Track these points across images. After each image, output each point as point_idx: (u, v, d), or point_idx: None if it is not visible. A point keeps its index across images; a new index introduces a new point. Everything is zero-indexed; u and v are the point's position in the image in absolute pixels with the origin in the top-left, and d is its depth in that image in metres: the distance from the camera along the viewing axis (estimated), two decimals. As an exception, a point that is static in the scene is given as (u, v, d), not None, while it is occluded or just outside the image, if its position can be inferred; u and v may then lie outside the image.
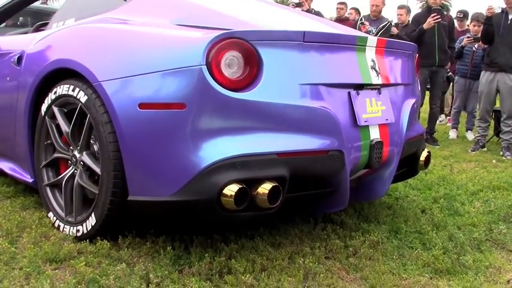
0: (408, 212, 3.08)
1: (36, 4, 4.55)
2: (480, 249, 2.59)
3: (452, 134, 6.73)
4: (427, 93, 6.54)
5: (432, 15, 5.70)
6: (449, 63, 6.22)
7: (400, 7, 7.09)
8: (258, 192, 2.04)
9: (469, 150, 5.70)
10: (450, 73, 6.47)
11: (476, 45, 6.52)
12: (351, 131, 2.33)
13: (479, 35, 6.09)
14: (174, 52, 2.10)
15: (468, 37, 6.54)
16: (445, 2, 6.16)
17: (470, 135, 6.64)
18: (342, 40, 2.40)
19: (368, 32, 5.67)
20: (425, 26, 5.71)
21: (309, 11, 6.35)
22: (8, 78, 2.85)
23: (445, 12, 6.04)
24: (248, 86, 2.06)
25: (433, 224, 2.87)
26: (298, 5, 6.30)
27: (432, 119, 6.19)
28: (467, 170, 4.57)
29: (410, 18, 6.84)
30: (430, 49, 5.77)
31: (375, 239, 2.55)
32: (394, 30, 6.12)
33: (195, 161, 2.01)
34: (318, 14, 6.78)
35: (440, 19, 5.71)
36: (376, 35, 5.70)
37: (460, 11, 7.33)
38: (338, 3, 8.03)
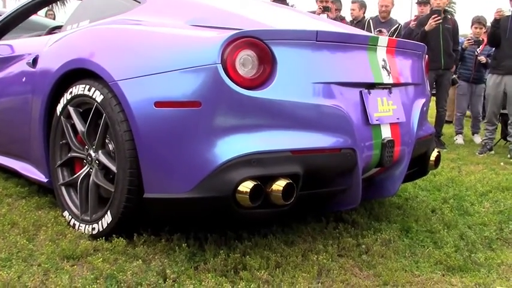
0: (418, 212, 3.10)
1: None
2: (491, 248, 2.61)
3: (459, 139, 6.62)
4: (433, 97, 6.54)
5: (432, 16, 5.71)
6: (454, 66, 6.23)
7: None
8: (272, 189, 2.06)
9: (477, 153, 5.71)
10: (454, 76, 6.45)
11: (478, 49, 6.54)
12: (363, 130, 2.35)
13: (482, 37, 6.11)
14: (190, 51, 2.14)
15: (468, 39, 6.54)
16: (448, 9, 6.07)
17: (477, 139, 6.64)
18: (353, 40, 2.43)
19: None
20: (426, 27, 5.71)
21: (335, 18, 6.22)
22: (23, 80, 2.90)
23: (449, 16, 6.04)
24: (262, 84, 2.09)
25: (443, 223, 2.89)
26: (326, 9, 5.95)
27: (439, 122, 6.18)
28: (476, 172, 4.58)
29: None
30: (435, 52, 5.76)
31: (387, 238, 2.57)
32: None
33: (211, 158, 2.04)
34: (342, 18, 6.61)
35: (440, 20, 5.70)
36: None
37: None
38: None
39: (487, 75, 6.32)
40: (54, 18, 11.36)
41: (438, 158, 2.97)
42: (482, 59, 6.55)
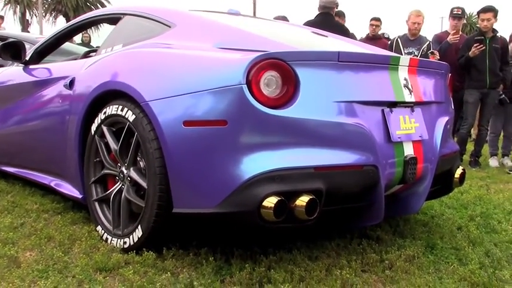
0: (444, 229, 3.11)
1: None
2: (517, 265, 2.60)
3: (493, 162, 6.20)
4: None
5: (475, 45, 5.66)
6: (501, 86, 6.09)
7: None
8: (296, 205, 2.13)
9: (507, 171, 5.64)
10: (503, 95, 6.27)
11: None
12: (385, 147, 2.41)
13: None
14: (216, 72, 2.24)
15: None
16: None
17: (508, 161, 6.25)
18: (375, 60, 2.51)
19: (410, 54, 5.70)
20: (470, 54, 5.69)
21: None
22: (60, 101, 3.06)
23: (499, 35, 5.96)
24: (286, 103, 2.17)
25: (469, 241, 2.89)
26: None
27: (479, 141, 6.05)
28: (505, 190, 4.54)
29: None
30: (481, 72, 5.74)
31: (411, 254, 2.59)
32: (433, 58, 5.76)
33: (236, 175, 2.12)
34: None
35: (483, 48, 5.66)
36: (420, 57, 5.67)
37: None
38: (372, 20, 7.71)
39: None
40: (89, 40, 11.87)
41: (463, 175, 2.98)
42: None
